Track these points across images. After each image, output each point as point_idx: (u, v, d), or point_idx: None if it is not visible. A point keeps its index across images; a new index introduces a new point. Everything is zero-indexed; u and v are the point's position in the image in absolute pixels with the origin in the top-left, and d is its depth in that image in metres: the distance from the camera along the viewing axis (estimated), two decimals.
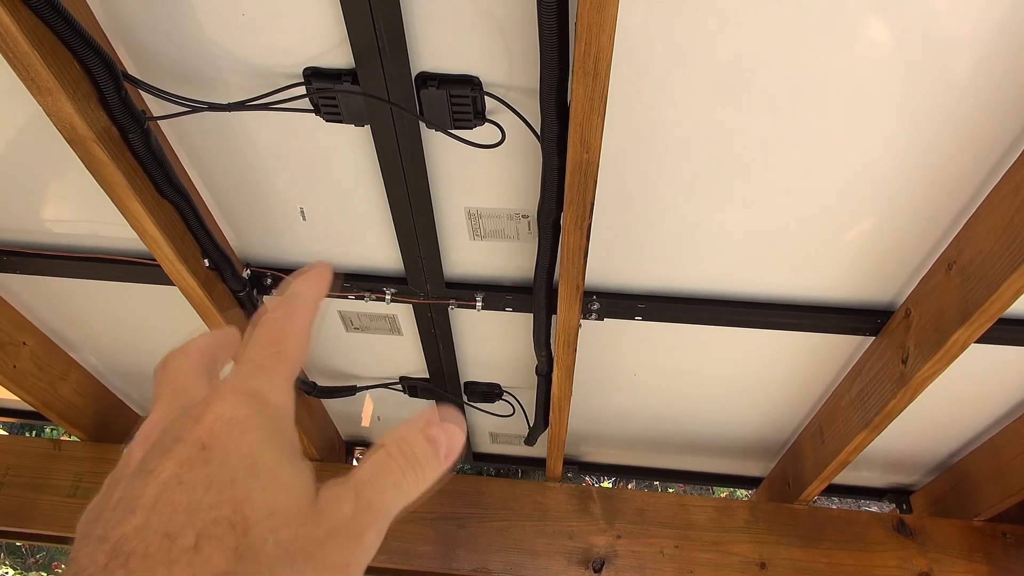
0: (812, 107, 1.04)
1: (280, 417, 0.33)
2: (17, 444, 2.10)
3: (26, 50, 0.89)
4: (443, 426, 0.36)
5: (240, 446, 0.30)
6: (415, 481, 0.34)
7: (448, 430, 0.36)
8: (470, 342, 1.73)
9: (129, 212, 1.17)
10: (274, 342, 0.36)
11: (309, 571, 0.29)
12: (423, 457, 0.35)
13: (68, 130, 1.02)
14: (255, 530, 0.28)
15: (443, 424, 0.36)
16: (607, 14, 0.77)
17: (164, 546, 0.27)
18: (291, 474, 0.31)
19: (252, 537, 0.28)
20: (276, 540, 0.29)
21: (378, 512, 0.32)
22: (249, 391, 0.33)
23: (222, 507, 0.28)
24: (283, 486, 0.31)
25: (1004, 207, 1.08)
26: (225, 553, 0.27)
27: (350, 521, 0.31)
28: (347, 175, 1.27)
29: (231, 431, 0.31)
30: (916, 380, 1.29)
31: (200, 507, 0.28)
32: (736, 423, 1.99)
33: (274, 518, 0.29)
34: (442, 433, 0.36)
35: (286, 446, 0.32)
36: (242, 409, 0.32)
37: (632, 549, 1.87)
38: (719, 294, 1.44)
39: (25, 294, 1.75)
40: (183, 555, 0.26)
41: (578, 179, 1.00)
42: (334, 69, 1.05)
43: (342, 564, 0.30)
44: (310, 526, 0.30)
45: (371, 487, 0.33)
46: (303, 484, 0.32)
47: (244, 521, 0.28)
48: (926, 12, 0.90)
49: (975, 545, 1.83)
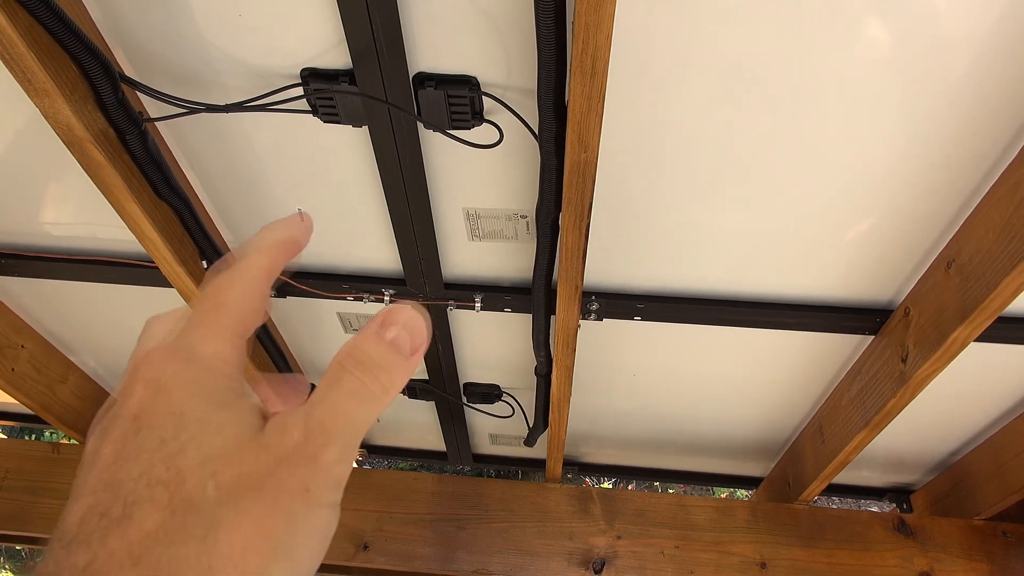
0: (811, 106, 1.04)
1: (212, 366, 0.32)
2: (17, 447, 2.09)
3: (22, 52, 0.89)
4: (401, 321, 0.33)
5: (168, 405, 0.30)
6: (379, 386, 0.32)
7: (408, 325, 0.33)
8: (469, 343, 1.73)
9: (127, 214, 1.17)
10: (213, 295, 0.34)
11: (261, 503, 0.28)
12: (382, 360, 0.32)
13: (65, 132, 1.01)
14: (191, 480, 0.28)
15: (400, 319, 0.33)
16: (604, 13, 0.77)
17: (98, 524, 0.27)
18: (223, 417, 0.30)
19: (188, 487, 0.28)
20: (216, 484, 0.28)
21: (334, 429, 0.30)
22: (175, 348, 0.32)
23: (154, 469, 0.28)
24: (215, 430, 0.30)
25: (1002, 205, 1.07)
26: (159, 512, 0.27)
27: (301, 445, 0.30)
28: (345, 176, 1.26)
29: (158, 394, 0.30)
30: (916, 379, 1.29)
31: (131, 477, 0.28)
32: (736, 423, 1.99)
33: (210, 463, 0.29)
34: (401, 330, 0.33)
35: (217, 393, 0.31)
36: (167, 368, 0.31)
37: (632, 550, 1.86)
38: (718, 294, 1.44)
39: (23, 297, 1.75)
40: (114, 525, 0.27)
41: (576, 179, 1.00)
42: (332, 70, 1.05)
43: (300, 488, 0.29)
44: (253, 460, 0.29)
45: (322, 405, 0.31)
46: (241, 422, 0.30)
47: (178, 475, 0.28)
48: (925, 12, 0.90)
49: (975, 544, 1.83)
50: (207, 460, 0.29)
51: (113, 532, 0.27)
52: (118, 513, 0.27)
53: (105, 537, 0.27)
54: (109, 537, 0.26)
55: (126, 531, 0.27)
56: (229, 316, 0.34)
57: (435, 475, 2.01)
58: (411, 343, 0.33)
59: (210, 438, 0.29)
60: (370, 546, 1.88)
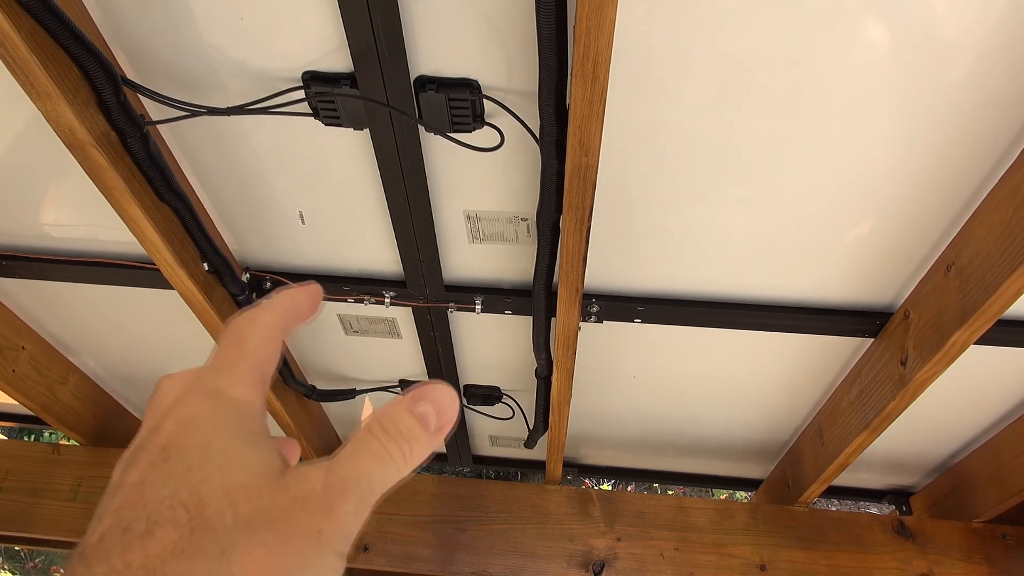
0: (811, 108, 1.04)
1: (239, 408, 0.34)
2: (16, 448, 2.09)
3: (25, 55, 0.89)
4: (432, 399, 0.35)
5: (196, 437, 0.32)
6: (401, 456, 0.34)
7: (437, 403, 0.35)
8: (469, 345, 1.73)
9: (128, 216, 1.17)
10: (235, 343, 0.36)
11: (275, 536, 0.30)
12: (408, 433, 0.34)
13: (67, 135, 1.02)
14: (212, 506, 0.29)
15: (432, 397, 0.35)
16: (606, 17, 0.77)
17: (119, 538, 0.28)
18: (247, 453, 0.32)
19: (208, 512, 0.29)
20: (235, 513, 0.29)
21: (353, 485, 0.32)
22: (205, 390, 0.34)
23: (178, 493, 0.29)
24: (240, 464, 0.31)
25: (1003, 208, 1.08)
26: (178, 530, 0.28)
27: (319, 494, 0.31)
28: (346, 178, 1.27)
29: (187, 428, 0.32)
30: (915, 382, 1.30)
31: (156, 499, 0.29)
32: (735, 425, 1.99)
33: (232, 493, 0.30)
34: (429, 407, 0.35)
35: (244, 431, 0.33)
36: (198, 407, 0.33)
37: (632, 552, 1.87)
38: (718, 296, 1.44)
39: (24, 298, 1.75)
40: (136, 540, 0.28)
41: (577, 183, 1.00)
42: (333, 73, 1.05)
43: (313, 531, 0.30)
44: (272, 498, 0.31)
45: (347, 463, 0.33)
46: (263, 461, 0.32)
47: (200, 500, 0.29)
48: (924, 13, 0.90)
49: (975, 546, 1.83)
50: (229, 490, 0.30)
51: (134, 546, 0.28)
52: (140, 529, 0.28)
53: (125, 551, 0.28)
54: (129, 551, 0.27)
55: (146, 546, 0.28)
56: (250, 364, 0.36)
57: (435, 476, 2.01)
58: (437, 420, 0.35)
59: (233, 471, 0.31)
60: (370, 548, 1.88)
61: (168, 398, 0.35)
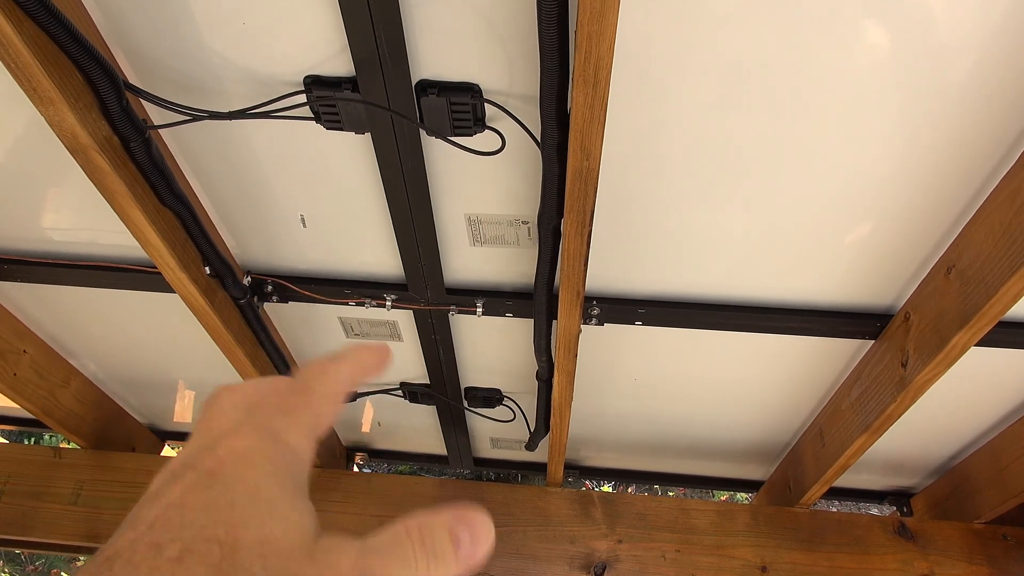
0: (810, 111, 1.04)
1: (292, 457, 0.34)
2: (17, 452, 2.09)
3: (28, 60, 0.89)
4: (472, 528, 0.35)
5: (246, 475, 0.32)
6: (426, 570, 0.33)
7: (476, 533, 0.35)
8: (470, 347, 1.73)
9: (130, 220, 1.18)
10: (303, 390, 0.37)
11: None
12: (440, 551, 0.34)
13: (70, 139, 1.02)
14: (243, 552, 0.29)
15: (473, 526, 0.35)
16: (607, 23, 0.77)
17: (149, 555, 0.28)
18: (290, 509, 0.32)
19: (239, 557, 0.29)
20: (264, 565, 0.29)
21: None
22: (265, 427, 0.34)
23: (216, 527, 0.29)
24: (280, 518, 0.31)
25: (1003, 210, 1.08)
26: (207, 567, 0.28)
27: (343, 573, 0.31)
28: (347, 182, 1.27)
29: (240, 461, 0.32)
30: (916, 383, 1.30)
31: (194, 525, 0.29)
32: (736, 427, 2.00)
33: (265, 545, 0.30)
34: (467, 534, 0.35)
35: (292, 484, 0.33)
36: (255, 443, 0.33)
37: (633, 553, 1.87)
38: (719, 298, 1.44)
39: (25, 302, 1.75)
40: (165, 564, 0.28)
41: (578, 186, 1.00)
42: (334, 77, 1.06)
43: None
44: (301, 563, 0.31)
45: (377, 555, 0.33)
46: (302, 522, 0.32)
47: (234, 542, 0.29)
48: (923, 15, 0.90)
49: (976, 548, 1.84)
50: (264, 542, 0.30)
51: (162, 569, 0.27)
52: (173, 554, 0.28)
53: (152, 571, 0.27)
54: (156, 572, 0.27)
55: (174, 572, 0.27)
56: (312, 415, 0.36)
57: (436, 479, 2.02)
58: (471, 552, 0.35)
59: (273, 523, 0.31)
60: None
61: (226, 418, 0.35)
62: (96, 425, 2.07)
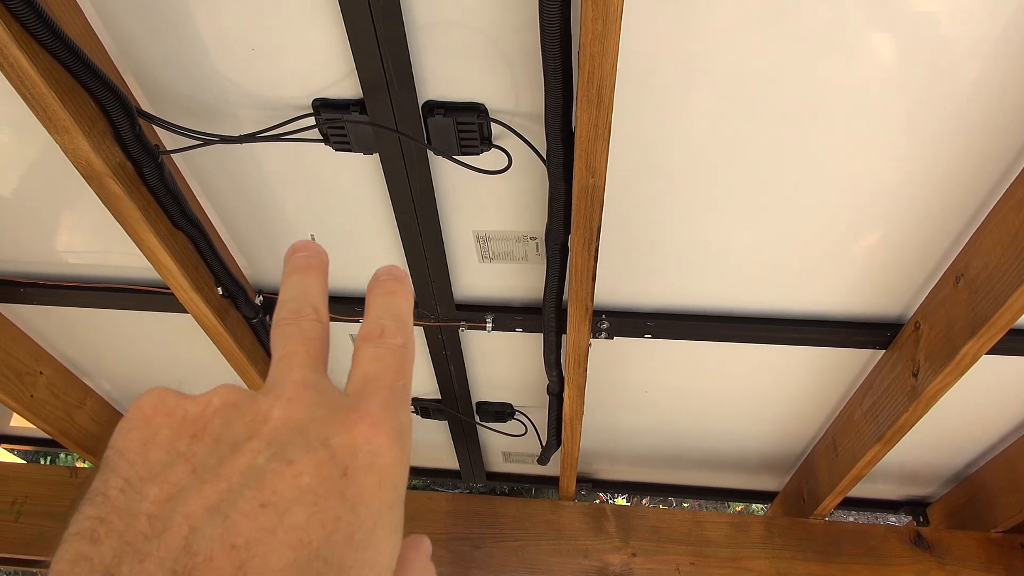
0: (816, 121, 1.05)
1: (407, 465, 0.30)
2: (34, 472, 2.11)
3: (44, 91, 0.91)
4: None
5: (374, 497, 0.27)
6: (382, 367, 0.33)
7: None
8: (481, 363, 1.74)
9: (144, 244, 1.19)
10: (402, 371, 0.32)
11: None
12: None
13: (84, 166, 1.04)
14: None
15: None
16: (609, 44, 0.78)
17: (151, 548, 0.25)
18: (391, 557, 0.28)
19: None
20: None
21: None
22: (398, 428, 0.29)
23: (329, 567, 0.25)
24: (383, 568, 0.27)
25: (1011, 219, 1.08)
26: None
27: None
28: (356, 202, 1.28)
29: (373, 472, 0.28)
30: (928, 393, 1.29)
31: (316, 555, 0.25)
32: (749, 438, 1.99)
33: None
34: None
35: (399, 517, 0.29)
36: (391, 452, 0.28)
37: (647, 567, 1.86)
38: (728, 310, 1.45)
39: (41, 324, 1.78)
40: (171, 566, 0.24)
41: (585, 204, 1.01)
42: (342, 100, 1.07)
43: None
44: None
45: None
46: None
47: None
48: (929, 24, 0.91)
49: (993, 557, 1.82)
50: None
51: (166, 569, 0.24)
52: (183, 569, 0.24)
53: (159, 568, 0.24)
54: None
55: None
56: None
57: (449, 494, 2.02)
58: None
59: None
60: None
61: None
62: None
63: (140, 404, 0.31)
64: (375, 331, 0.34)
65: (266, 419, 0.28)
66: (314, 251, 0.37)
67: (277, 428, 0.28)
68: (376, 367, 0.32)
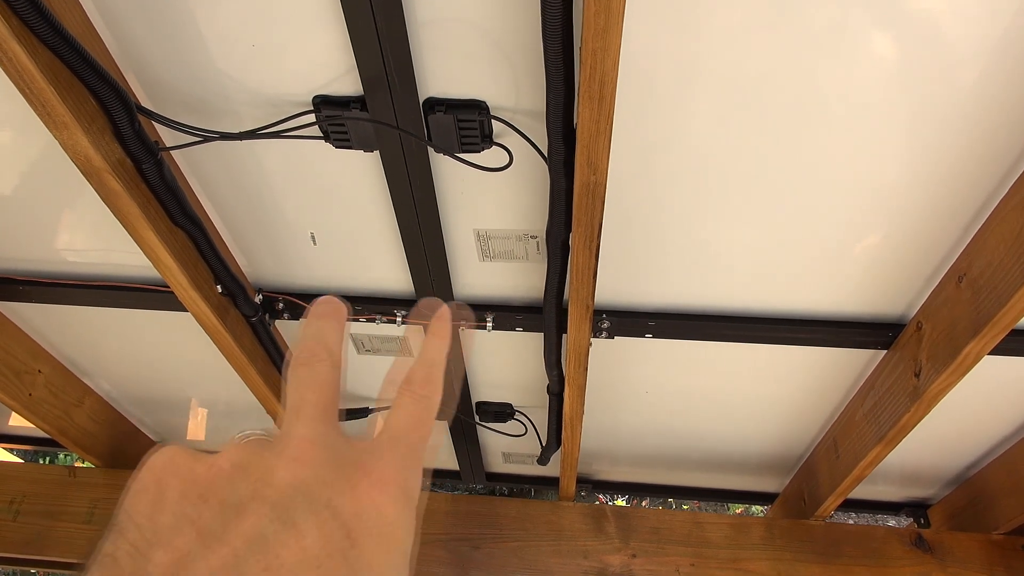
0: (819, 122, 1.04)
1: (414, 527, 0.31)
2: (32, 471, 2.10)
3: (42, 87, 0.91)
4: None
5: (379, 561, 0.28)
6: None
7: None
8: (481, 362, 1.73)
9: (143, 241, 1.19)
10: (420, 424, 0.33)
11: None
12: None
13: (83, 163, 1.03)
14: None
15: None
16: (611, 40, 0.78)
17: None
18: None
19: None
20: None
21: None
22: (404, 487, 0.30)
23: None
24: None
25: (1014, 218, 1.07)
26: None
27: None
28: (357, 200, 1.28)
29: (378, 534, 0.28)
30: (930, 393, 1.29)
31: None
32: (749, 439, 1.98)
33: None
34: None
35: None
36: (396, 511, 0.29)
37: (647, 568, 1.85)
38: (729, 310, 1.44)
39: (40, 322, 1.77)
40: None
41: (586, 201, 1.01)
42: (343, 97, 1.07)
43: None
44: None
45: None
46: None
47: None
48: (930, 25, 0.90)
49: (995, 559, 1.81)
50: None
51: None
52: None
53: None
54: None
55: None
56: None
57: (449, 495, 2.01)
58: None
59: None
60: None
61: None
62: (110, 444, 2.09)
63: (152, 464, 0.32)
64: (418, 376, 0.36)
65: (271, 480, 0.29)
66: (335, 303, 0.39)
67: (282, 490, 0.29)
68: (405, 422, 0.34)
